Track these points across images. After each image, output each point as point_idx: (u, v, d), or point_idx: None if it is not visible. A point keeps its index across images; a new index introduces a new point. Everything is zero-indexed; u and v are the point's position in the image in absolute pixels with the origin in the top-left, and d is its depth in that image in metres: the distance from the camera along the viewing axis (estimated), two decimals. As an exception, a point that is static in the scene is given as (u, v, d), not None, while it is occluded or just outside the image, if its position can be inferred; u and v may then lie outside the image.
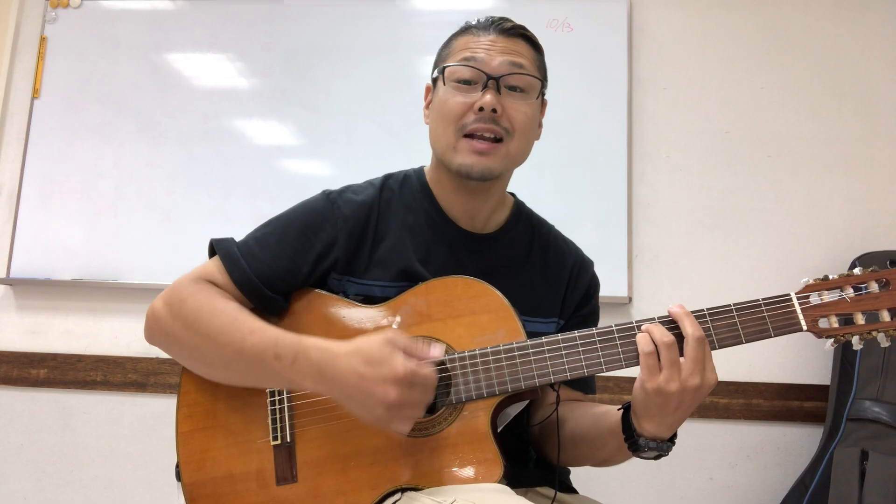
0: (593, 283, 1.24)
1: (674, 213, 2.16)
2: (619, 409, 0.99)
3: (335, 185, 1.17)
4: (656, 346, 0.91)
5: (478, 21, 1.12)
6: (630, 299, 2.10)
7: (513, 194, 1.23)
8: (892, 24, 2.18)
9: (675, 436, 0.95)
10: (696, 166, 2.17)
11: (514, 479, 0.99)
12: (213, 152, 2.25)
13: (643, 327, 0.94)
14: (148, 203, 2.24)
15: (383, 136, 2.22)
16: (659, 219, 2.16)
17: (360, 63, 2.27)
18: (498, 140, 1.07)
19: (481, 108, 1.04)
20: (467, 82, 1.06)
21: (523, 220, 1.21)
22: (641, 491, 2.05)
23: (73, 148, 2.29)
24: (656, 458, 0.96)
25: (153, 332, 1.06)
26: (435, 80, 1.13)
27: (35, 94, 2.32)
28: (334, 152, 2.24)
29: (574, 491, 1.18)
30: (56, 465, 2.20)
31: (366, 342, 0.90)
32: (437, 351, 0.91)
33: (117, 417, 2.20)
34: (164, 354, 2.27)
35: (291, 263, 1.07)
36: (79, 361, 2.22)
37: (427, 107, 1.17)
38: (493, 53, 1.06)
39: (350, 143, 2.23)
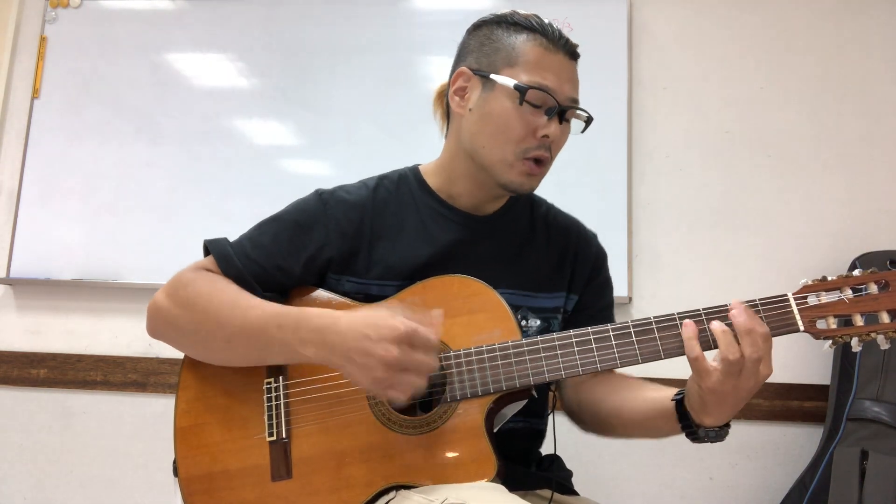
0: (600, 255, 1.25)
1: (674, 213, 2.16)
2: (672, 400, 0.99)
3: (334, 185, 1.17)
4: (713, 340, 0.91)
5: (546, 28, 1.08)
6: (630, 299, 2.10)
7: None
8: (892, 24, 2.18)
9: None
10: (696, 166, 2.17)
11: (515, 481, 0.99)
12: (213, 152, 2.25)
13: (685, 322, 0.93)
14: (148, 203, 2.24)
15: (383, 136, 2.21)
16: (659, 219, 2.16)
17: (360, 63, 2.26)
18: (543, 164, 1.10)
19: (545, 136, 1.06)
20: (531, 103, 1.05)
21: (522, 199, 1.23)
22: (641, 491, 2.05)
23: (73, 148, 2.29)
24: (713, 442, 0.98)
25: (155, 323, 1.08)
26: (485, 77, 1.08)
27: (35, 94, 2.32)
28: (334, 152, 2.24)
29: (574, 493, 1.18)
30: (56, 465, 2.20)
31: (368, 309, 0.96)
32: (437, 319, 0.94)
33: (117, 417, 2.20)
34: (164, 354, 2.28)
35: (284, 263, 1.08)
36: (79, 361, 2.22)
37: (460, 94, 1.12)
38: (562, 82, 1.07)
39: (350, 143, 2.23)
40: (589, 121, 1.13)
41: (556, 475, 1.14)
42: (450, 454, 0.96)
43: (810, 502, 1.83)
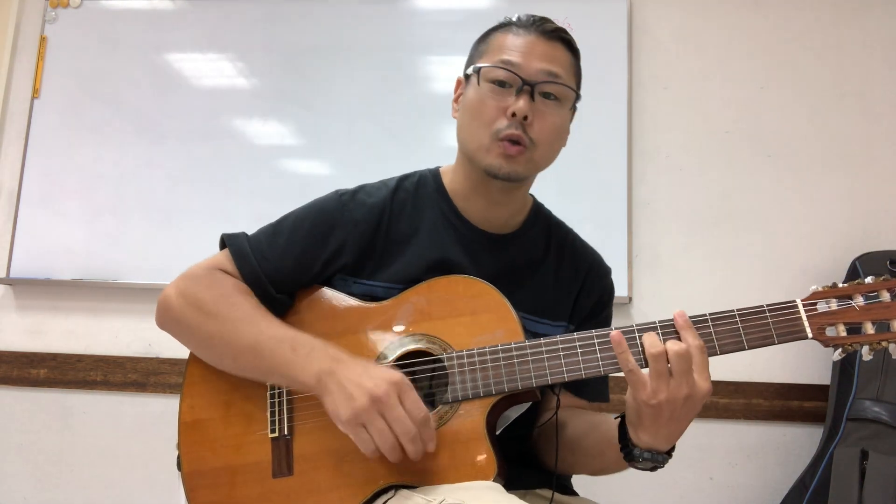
0: (607, 291, 1.22)
1: (674, 213, 2.16)
2: (615, 418, 0.99)
3: (335, 186, 1.17)
4: (645, 357, 0.89)
5: (518, 18, 1.10)
6: (630, 299, 2.10)
7: (532, 196, 1.23)
8: (892, 24, 2.18)
9: (672, 448, 0.93)
10: (696, 166, 2.17)
11: (514, 481, 0.99)
12: (214, 152, 2.26)
13: (612, 337, 0.92)
14: (148, 203, 2.24)
15: (383, 136, 2.22)
16: (659, 219, 2.16)
17: (360, 63, 2.26)
18: (525, 146, 1.06)
19: (514, 114, 1.03)
20: (502, 84, 1.05)
21: (541, 222, 1.20)
22: (641, 491, 2.05)
23: (73, 148, 2.29)
24: (652, 469, 0.95)
25: (164, 318, 1.08)
26: (468, 76, 1.11)
27: (35, 94, 2.32)
28: (334, 152, 2.24)
29: (574, 493, 1.18)
30: (56, 465, 2.20)
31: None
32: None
33: (117, 417, 2.20)
34: (164, 354, 2.28)
35: (299, 265, 1.08)
36: (79, 361, 2.22)
37: (456, 100, 1.15)
38: (531, 58, 1.05)
39: (350, 143, 2.23)
40: (576, 98, 1.10)
41: (556, 474, 1.14)
42: (450, 454, 0.96)
43: (810, 502, 1.83)
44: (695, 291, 2.10)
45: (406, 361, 1.01)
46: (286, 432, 1.02)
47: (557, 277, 1.17)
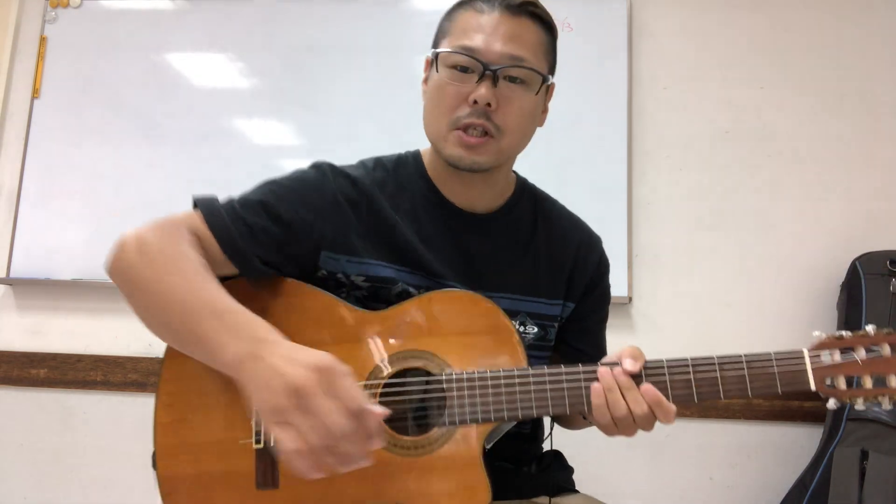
0: (602, 263, 1.18)
1: (674, 213, 2.16)
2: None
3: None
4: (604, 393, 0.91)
5: None
6: (630, 299, 2.10)
7: (515, 172, 1.17)
8: (892, 24, 2.18)
9: None
10: (696, 166, 2.17)
11: (512, 487, 0.98)
12: (213, 152, 2.25)
13: (598, 373, 0.93)
14: (148, 203, 2.24)
15: (383, 136, 2.21)
16: (659, 219, 2.15)
17: (360, 63, 2.26)
18: (491, 135, 1.00)
19: (475, 101, 0.98)
20: (464, 69, 0.99)
21: (526, 198, 1.15)
22: (641, 490, 2.05)
23: (73, 148, 2.29)
24: None
25: (115, 262, 0.98)
26: (429, 57, 1.06)
27: (35, 94, 2.32)
28: (334, 152, 2.19)
29: (575, 491, 1.17)
30: (56, 465, 2.20)
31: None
32: (378, 409, 0.78)
33: (117, 417, 2.20)
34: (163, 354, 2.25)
35: (272, 226, 1.01)
36: (79, 361, 2.22)
37: (425, 81, 1.09)
38: (494, 40, 0.98)
39: (350, 143, 2.23)
40: (544, 81, 1.02)
41: (554, 476, 1.12)
42: (443, 481, 0.93)
43: (810, 502, 1.83)
44: (695, 291, 2.10)
45: (401, 380, 0.97)
46: (272, 443, 0.93)
47: (548, 255, 1.12)
